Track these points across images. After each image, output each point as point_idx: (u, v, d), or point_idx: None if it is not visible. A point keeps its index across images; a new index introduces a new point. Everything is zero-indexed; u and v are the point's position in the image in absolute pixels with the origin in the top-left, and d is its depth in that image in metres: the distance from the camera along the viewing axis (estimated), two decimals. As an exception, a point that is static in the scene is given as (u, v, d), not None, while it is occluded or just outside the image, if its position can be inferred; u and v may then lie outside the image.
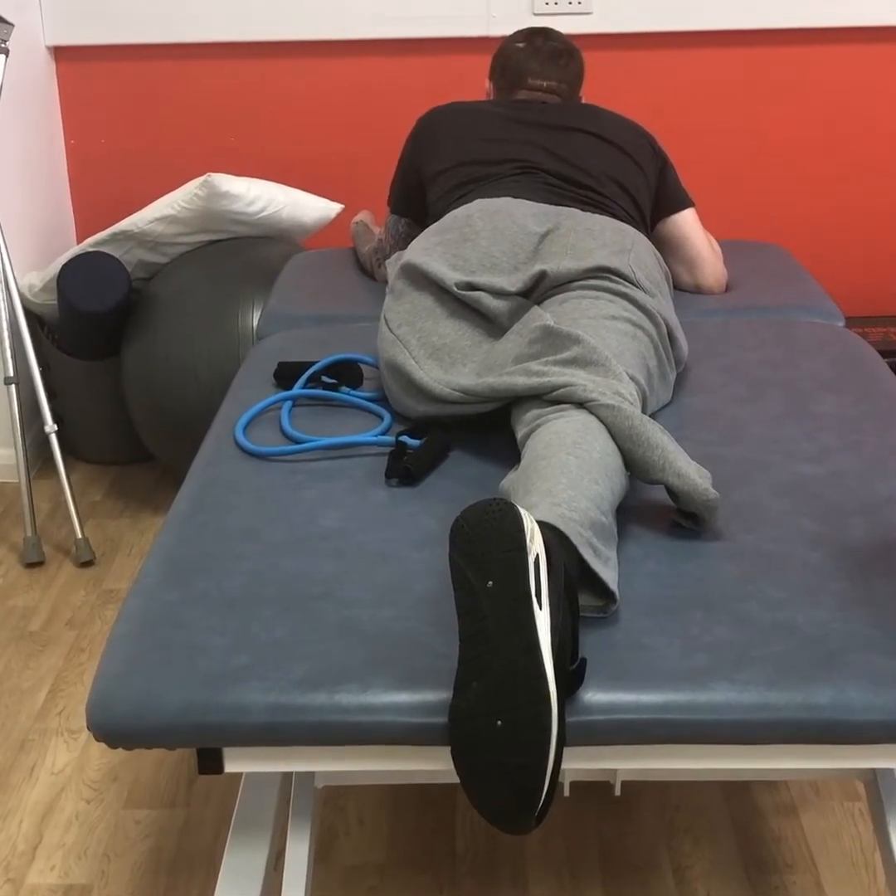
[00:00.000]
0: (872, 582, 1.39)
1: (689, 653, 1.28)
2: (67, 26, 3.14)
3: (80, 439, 3.14)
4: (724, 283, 2.36)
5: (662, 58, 3.18)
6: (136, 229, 2.81)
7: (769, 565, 1.43)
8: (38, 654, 2.40)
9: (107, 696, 1.26)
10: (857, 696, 1.23)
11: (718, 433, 1.76)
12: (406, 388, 1.79)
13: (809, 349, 2.05)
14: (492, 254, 1.87)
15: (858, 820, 1.93)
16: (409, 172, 2.32)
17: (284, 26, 3.13)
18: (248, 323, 2.70)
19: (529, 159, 2.16)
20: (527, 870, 1.86)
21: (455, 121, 2.28)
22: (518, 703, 1.15)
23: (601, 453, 1.48)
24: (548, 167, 2.15)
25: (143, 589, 1.42)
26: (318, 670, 1.27)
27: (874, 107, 3.23)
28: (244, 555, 1.47)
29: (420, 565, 1.44)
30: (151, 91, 3.23)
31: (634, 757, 1.29)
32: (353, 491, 1.62)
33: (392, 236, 2.39)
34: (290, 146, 3.27)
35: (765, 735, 1.24)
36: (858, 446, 1.72)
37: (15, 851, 1.91)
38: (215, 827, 1.96)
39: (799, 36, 3.14)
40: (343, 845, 1.92)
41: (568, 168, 2.15)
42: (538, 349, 1.69)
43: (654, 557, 1.45)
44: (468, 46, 3.15)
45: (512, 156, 2.17)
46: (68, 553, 2.75)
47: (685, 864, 1.86)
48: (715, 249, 2.37)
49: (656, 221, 2.30)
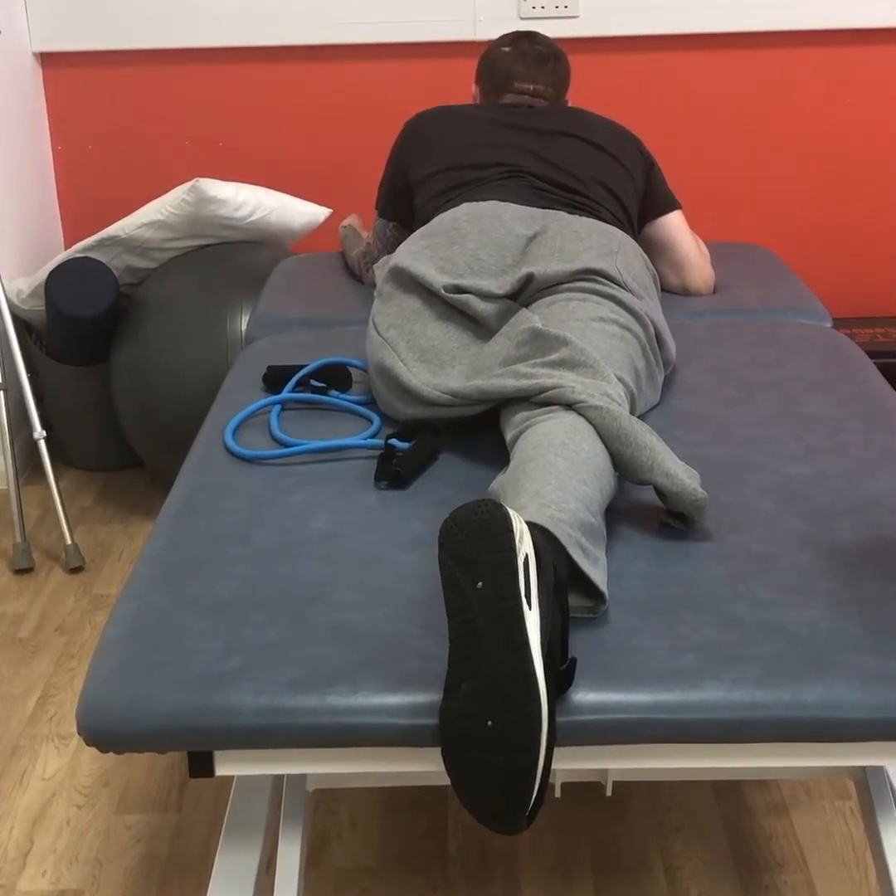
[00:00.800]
0: (861, 582, 1.40)
1: (679, 653, 1.29)
2: (54, 32, 3.14)
3: (70, 445, 3.13)
4: (712, 284, 2.36)
5: (649, 61, 3.19)
6: (124, 235, 2.81)
7: (758, 566, 1.43)
8: (28, 661, 2.40)
9: (97, 700, 1.26)
10: (846, 694, 1.24)
11: (707, 434, 1.77)
12: (395, 390, 1.79)
13: (797, 350, 2.05)
14: (479, 257, 1.87)
15: (849, 818, 1.94)
16: (396, 176, 2.32)
17: (271, 31, 3.13)
18: (237, 327, 2.70)
19: (517, 163, 2.17)
20: (519, 871, 1.86)
21: (442, 125, 2.28)
22: (508, 703, 1.15)
23: (589, 454, 1.48)
24: (535, 171, 2.16)
25: (133, 593, 1.42)
26: (309, 672, 1.27)
27: (861, 108, 3.24)
28: (234, 558, 1.47)
29: (410, 568, 1.44)
30: (138, 96, 3.23)
31: (625, 757, 1.30)
32: (343, 494, 1.62)
33: (380, 240, 2.40)
34: (278, 151, 3.28)
35: (754, 734, 1.24)
36: (846, 447, 1.72)
37: (6, 858, 1.91)
38: (207, 831, 1.96)
39: (785, 38, 3.16)
40: (335, 849, 1.92)
41: (555, 171, 2.16)
42: (526, 351, 1.69)
43: (643, 558, 1.46)
44: (455, 50, 3.15)
45: (499, 160, 2.18)
46: (58, 559, 2.75)
47: (677, 864, 1.86)
48: (702, 251, 2.37)
49: (643, 224, 2.31)
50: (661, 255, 2.33)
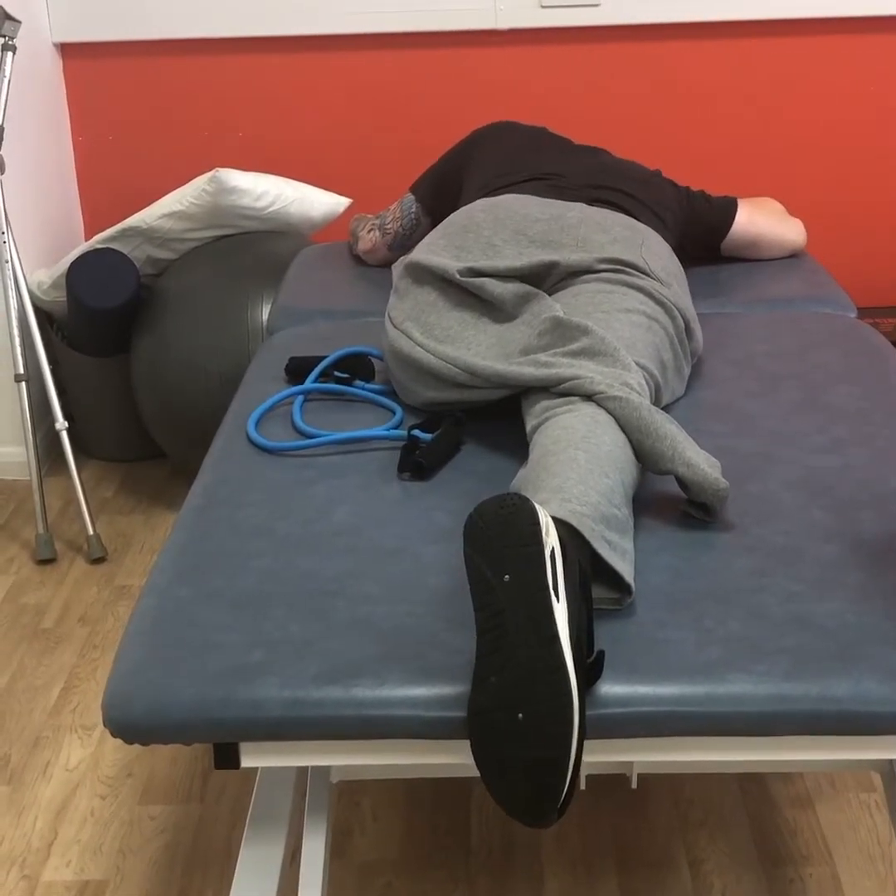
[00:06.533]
0: (887, 574, 1.39)
1: (705, 645, 1.28)
2: (74, 23, 3.14)
3: (91, 436, 3.14)
4: (803, 230, 2.43)
5: (671, 49, 3.17)
6: (145, 225, 2.81)
7: (783, 558, 1.43)
8: (51, 651, 2.40)
9: (123, 692, 1.26)
10: (874, 687, 1.23)
11: (731, 426, 1.75)
12: (413, 374, 1.78)
13: (821, 341, 2.04)
14: (493, 243, 1.86)
15: (875, 812, 1.93)
16: (452, 163, 2.34)
17: (291, 21, 3.13)
18: (258, 317, 2.70)
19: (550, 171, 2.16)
20: (542, 864, 1.86)
21: (513, 144, 2.28)
22: (540, 696, 1.14)
23: (610, 446, 1.47)
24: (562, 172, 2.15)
25: (156, 586, 1.41)
26: (333, 665, 1.27)
27: (884, 96, 3.22)
28: (257, 551, 1.47)
29: (433, 560, 1.44)
30: (159, 87, 3.23)
31: (651, 750, 1.29)
32: (366, 486, 1.61)
33: (402, 212, 2.38)
34: (298, 141, 3.27)
35: (781, 727, 1.23)
36: (871, 438, 1.71)
37: (30, 848, 1.91)
38: (230, 823, 1.96)
39: (812, 26, 3.13)
40: (358, 842, 1.92)
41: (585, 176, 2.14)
42: (548, 340, 1.68)
43: (667, 550, 1.45)
44: (476, 39, 3.14)
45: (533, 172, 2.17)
46: (80, 550, 2.75)
47: (700, 857, 1.86)
48: (774, 209, 2.42)
49: (719, 242, 2.34)
50: (758, 249, 2.37)
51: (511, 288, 1.79)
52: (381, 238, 2.41)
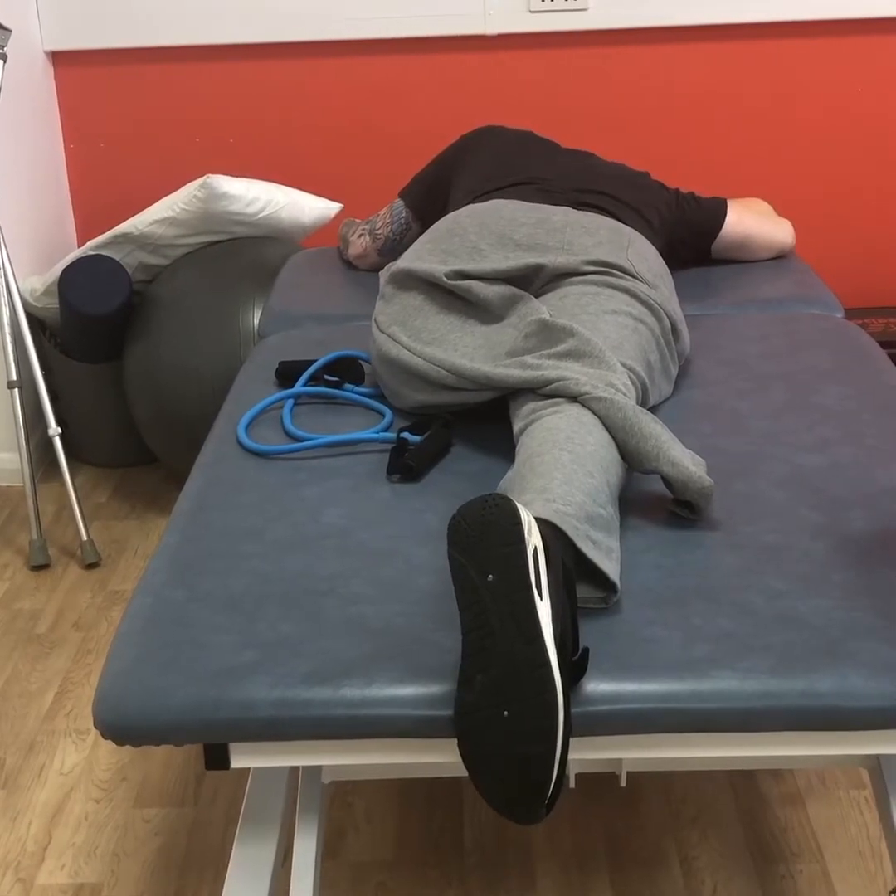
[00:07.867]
0: (874, 572, 1.40)
1: (692, 643, 1.29)
2: (65, 31, 3.15)
3: (84, 442, 3.15)
4: (791, 230, 2.44)
5: (659, 53, 3.18)
6: (137, 232, 2.82)
7: (771, 556, 1.44)
8: (46, 657, 2.41)
9: (113, 693, 1.27)
10: (860, 682, 1.24)
11: (719, 425, 1.77)
12: (401, 378, 1.79)
13: (809, 341, 2.05)
14: (480, 247, 1.87)
15: (864, 808, 1.94)
16: (440, 168, 2.35)
17: (281, 28, 3.14)
18: (250, 323, 2.71)
19: (535, 175, 2.17)
20: (534, 863, 1.87)
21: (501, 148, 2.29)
22: (524, 693, 1.16)
23: (595, 446, 1.48)
24: (547, 176, 2.16)
25: (148, 588, 1.42)
26: (324, 665, 1.27)
27: (872, 97, 3.23)
28: (248, 553, 1.48)
29: (423, 561, 1.45)
30: (150, 94, 3.24)
31: (639, 747, 1.30)
32: (356, 488, 1.62)
33: (392, 217, 2.39)
34: (289, 146, 3.28)
35: (768, 723, 1.25)
36: (859, 437, 1.72)
37: (25, 852, 1.92)
38: (224, 824, 1.97)
39: (796, 28, 3.15)
40: (351, 842, 1.92)
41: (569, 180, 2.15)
42: (534, 343, 1.69)
43: (655, 549, 1.46)
44: (465, 44, 3.15)
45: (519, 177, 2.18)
46: (74, 555, 2.76)
47: (692, 854, 1.87)
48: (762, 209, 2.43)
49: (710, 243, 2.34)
50: (747, 250, 2.38)
51: (497, 290, 1.80)
52: (371, 243, 2.42)
